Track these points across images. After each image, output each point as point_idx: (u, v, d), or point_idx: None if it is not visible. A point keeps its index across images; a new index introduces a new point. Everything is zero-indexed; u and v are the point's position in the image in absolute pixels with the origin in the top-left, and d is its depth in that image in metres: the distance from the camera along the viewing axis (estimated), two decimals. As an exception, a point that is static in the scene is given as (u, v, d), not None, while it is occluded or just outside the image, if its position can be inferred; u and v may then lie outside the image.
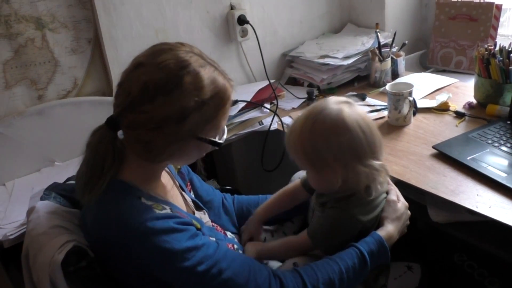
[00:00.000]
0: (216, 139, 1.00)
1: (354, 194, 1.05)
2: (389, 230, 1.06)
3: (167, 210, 0.93)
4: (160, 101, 0.88)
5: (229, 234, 1.22)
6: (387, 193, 1.13)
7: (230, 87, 0.98)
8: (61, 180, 1.16)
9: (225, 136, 1.03)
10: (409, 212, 1.14)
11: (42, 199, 1.05)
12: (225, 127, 1.03)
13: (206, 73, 0.92)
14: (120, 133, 0.96)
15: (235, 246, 1.16)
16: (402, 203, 1.12)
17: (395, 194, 1.13)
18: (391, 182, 1.17)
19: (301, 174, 1.56)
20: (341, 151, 0.99)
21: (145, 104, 0.89)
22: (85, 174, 0.94)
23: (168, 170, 1.17)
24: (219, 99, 0.94)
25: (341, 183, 1.02)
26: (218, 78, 0.95)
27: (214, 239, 1.01)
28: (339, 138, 0.98)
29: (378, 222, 1.09)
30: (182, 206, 1.10)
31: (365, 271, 1.01)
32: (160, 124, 0.90)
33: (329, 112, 1.00)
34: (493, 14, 1.93)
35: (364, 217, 1.06)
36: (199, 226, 1.00)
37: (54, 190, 1.07)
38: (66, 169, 1.51)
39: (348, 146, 0.99)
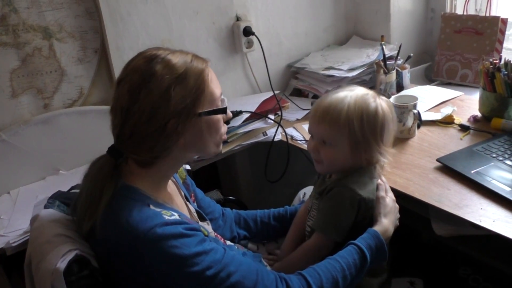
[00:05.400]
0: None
1: (352, 173, 1.13)
2: (383, 224, 1.10)
3: (176, 216, 0.93)
4: (143, 95, 0.93)
5: (228, 242, 1.23)
6: (377, 188, 1.16)
7: (205, 60, 1.02)
8: (65, 188, 1.16)
9: (226, 104, 1.05)
10: (397, 205, 1.17)
11: (46, 207, 1.05)
12: (225, 102, 1.05)
13: (176, 56, 0.97)
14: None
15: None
16: (390, 198, 1.16)
17: (384, 189, 1.16)
18: (381, 178, 1.19)
19: (306, 190, 1.56)
20: (378, 133, 1.12)
21: (134, 105, 0.93)
22: (83, 203, 0.96)
23: (174, 180, 1.18)
24: (196, 68, 0.97)
25: (356, 157, 1.12)
26: (188, 56, 0.99)
27: None
28: (383, 125, 1.12)
29: (372, 220, 1.11)
30: (187, 215, 1.11)
31: (366, 266, 1.04)
32: (151, 113, 0.93)
33: (377, 104, 1.13)
34: (498, 28, 1.93)
35: (362, 192, 1.10)
36: (206, 233, 1.01)
37: (58, 199, 1.07)
38: (71, 177, 1.52)
39: (383, 130, 1.12)
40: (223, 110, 1.03)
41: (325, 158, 1.14)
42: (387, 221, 1.11)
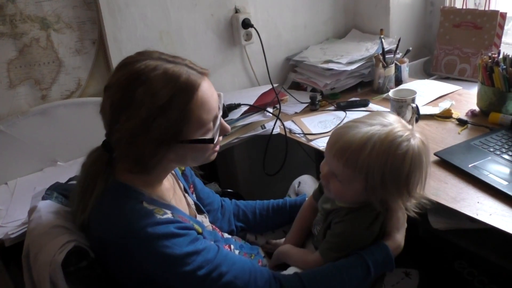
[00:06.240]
0: (208, 136, 0.96)
1: (364, 207, 1.04)
2: (396, 240, 1.05)
3: (168, 215, 0.93)
4: (123, 119, 0.90)
5: (225, 235, 1.23)
6: None
7: (198, 76, 0.93)
8: (63, 180, 1.17)
9: (216, 132, 0.97)
10: (405, 215, 1.11)
11: (43, 198, 1.05)
12: (218, 119, 0.98)
13: (160, 76, 0.89)
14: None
15: (232, 246, 1.17)
16: (401, 210, 1.10)
17: None
18: None
19: (300, 179, 1.56)
20: (402, 183, 0.97)
21: (116, 124, 0.91)
22: (77, 194, 0.96)
23: (173, 172, 1.17)
24: (182, 97, 0.90)
25: (370, 198, 1.00)
26: (177, 75, 0.90)
27: (213, 242, 1.02)
28: (410, 175, 0.96)
29: (384, 231, 1.07)
30: (185, 209, 1.11)
31: (368, 280, 1.01)
32: (131, 138, 0.90)
33: (408, 148, 0.95)
34: (497, 22, 1.93)
35: (376, 226, 1.04)
36: (200, 230, 1.00)
37: (56, 190, 1.08)
38: (69, 169, 1.51)
39: (409, 179, 0.97)
40: (210, 141, 0.96)
41: (333, 190, 1.03)
42: (400, 236, 1.06)
